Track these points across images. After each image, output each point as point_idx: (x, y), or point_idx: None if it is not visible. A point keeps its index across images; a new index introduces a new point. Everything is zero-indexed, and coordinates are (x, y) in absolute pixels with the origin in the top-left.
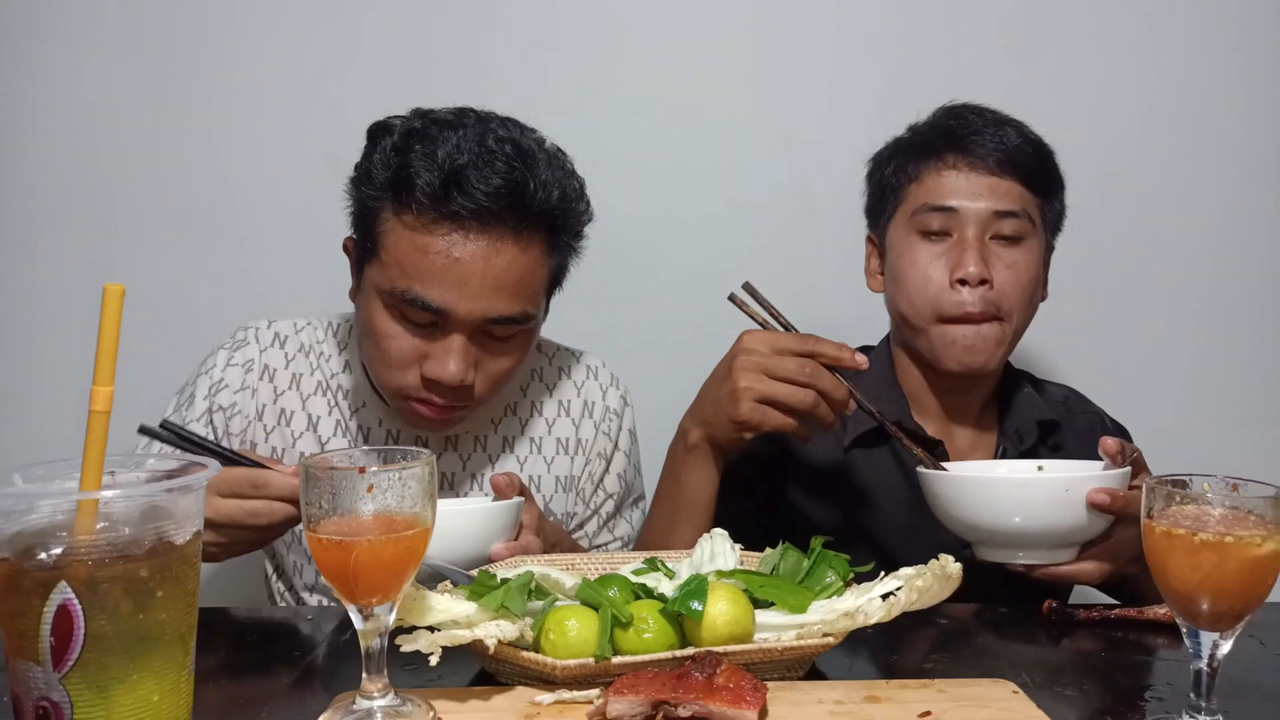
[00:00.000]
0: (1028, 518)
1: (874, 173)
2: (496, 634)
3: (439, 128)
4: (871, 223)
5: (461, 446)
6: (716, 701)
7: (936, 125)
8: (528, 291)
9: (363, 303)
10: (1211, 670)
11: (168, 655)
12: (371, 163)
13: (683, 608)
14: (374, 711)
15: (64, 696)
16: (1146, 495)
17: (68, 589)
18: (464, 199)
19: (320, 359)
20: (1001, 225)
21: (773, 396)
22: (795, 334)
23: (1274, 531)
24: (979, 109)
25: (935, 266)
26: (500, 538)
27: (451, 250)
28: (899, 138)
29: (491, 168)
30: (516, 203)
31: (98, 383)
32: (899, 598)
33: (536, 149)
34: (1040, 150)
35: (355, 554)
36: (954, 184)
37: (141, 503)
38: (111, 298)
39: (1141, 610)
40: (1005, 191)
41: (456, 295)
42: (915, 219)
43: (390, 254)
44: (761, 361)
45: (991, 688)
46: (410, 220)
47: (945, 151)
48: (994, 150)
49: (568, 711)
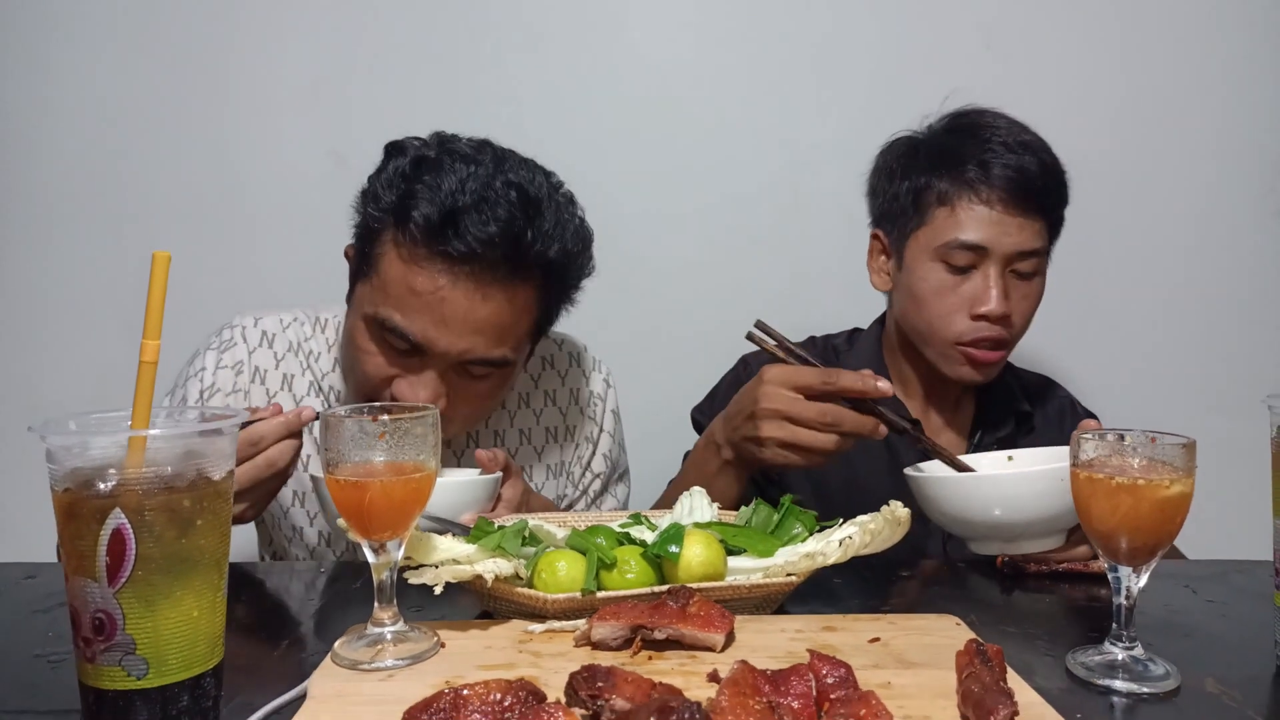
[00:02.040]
0: (1009, 511)
1: (892, 175)
2: (494, 570)
3: (451, 159)
4: (884, 225)
5: (454, 442)
6: (688, 626)
7: (964, 149)
8: (510, 337)
9: (351, 313)
10: (1130, 603)
11: (205, 577)
12: (380, 182)
13: (661, 550)
14: (385, 635)
15: (117, 609)
16: (1073, 445)
17: (121, 515)
18: (458, 240)
19: (310, 358)
20: (1022, 264)
21: (795, 442)
22: (816, 370)
23: (1182, 476)
24: (1002, 128)
25: (956, 296)
26: (472, 510)
27: (439, 288)
28: (916, 139)
29: (492, 213)
30: (511, 252)
31: (147, 336)
32: (854, 540)
33: (545, 199)
34: (1059, 180)
35: (369, 494)
36: (983, 220)
37: (182, 441)
38: (159, 263)
39: (1086, 564)
40: (1030, 230)
41: (436, 332)
42: (942, 250)
43: (381, 278)
44: (784, 408)
45: (937, 620)
46: (405, 251)
47: (978, 184)
48: (1023, 186)
49: (557, 638)
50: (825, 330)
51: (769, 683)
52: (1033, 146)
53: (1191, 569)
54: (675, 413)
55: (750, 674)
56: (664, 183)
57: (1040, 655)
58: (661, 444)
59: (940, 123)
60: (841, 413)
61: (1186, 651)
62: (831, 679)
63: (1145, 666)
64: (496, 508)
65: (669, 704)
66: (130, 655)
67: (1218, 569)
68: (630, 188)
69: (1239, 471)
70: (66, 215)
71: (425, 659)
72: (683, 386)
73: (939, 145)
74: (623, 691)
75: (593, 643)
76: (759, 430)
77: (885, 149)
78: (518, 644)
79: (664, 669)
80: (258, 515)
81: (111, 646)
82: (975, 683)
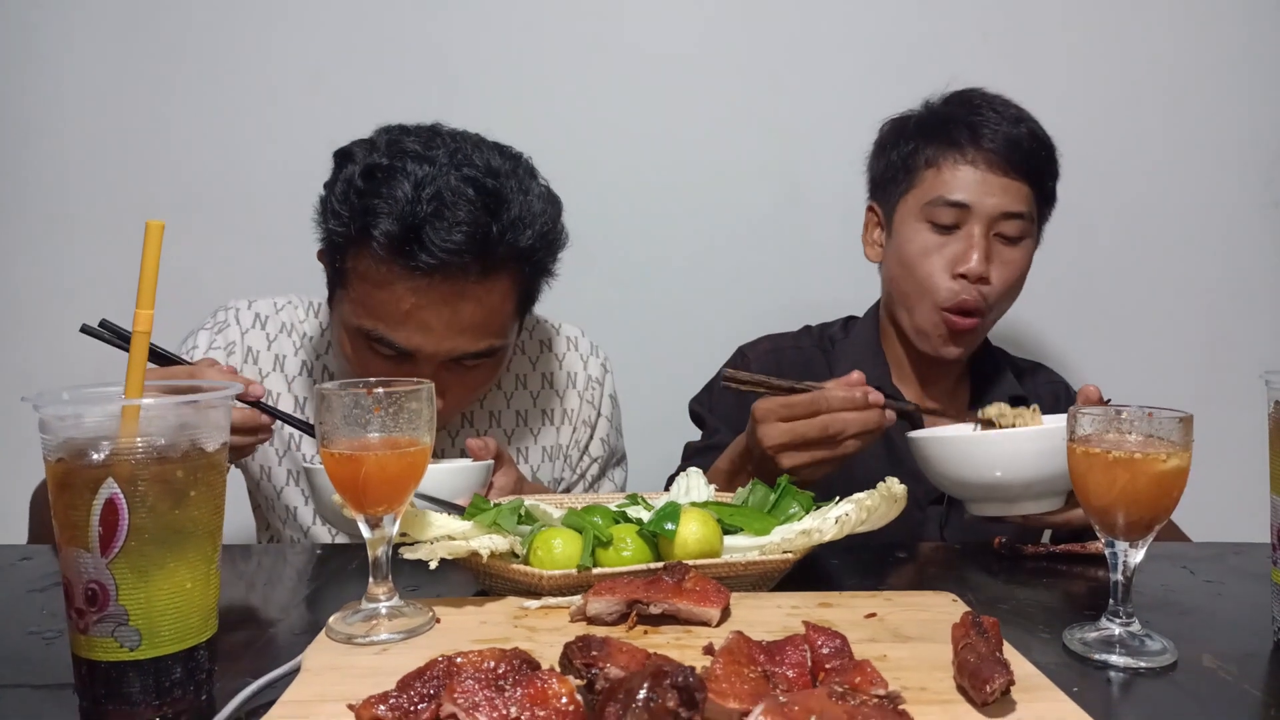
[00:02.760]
0: (1008, 471)
1: (886, 146)
2: (490, 546)
3: (403, 162)
4: (878, 195)
5: (449, 424)
6: (684, 601)
7: (955, 114)
8: (494, 327)
9: (335, 322)
10: (1127, 579)
11: (199, 549)
12: (334, 196)
13: (657, 528)
14: (380, 610)
15: (110, 580)
16: (1070, 420)
17: (114, 484)
18: (424, 254)
19: (303, 339)
20: (1006, 225)
21: (813, 461)
22: (804, 401)
23: (1179, 450)
24: (995, 101)
25: (939, 256)
26: (463, 498)
27: (414, 297)
28: (913, 114)
29: (454, 217)
30: (479, 254)
31: (140, 306)
32: (850, 517)
33: (506, 186)
34: (1048, 151)
35: (365, 468)
36: (969, 179)
37: (176, 411)
38: (153, 232)
39: (1084, 545)
40: (1015, 192)
41: (421, 339)
42: (928, 209)
43: (354, 291)
44: (788, 440)
45: (934, 597)
46: (373, 269)
47: (965, 145)
48: (1009, 149)
49: (553, 614)
50: (822, 319)
51: (764, 652)
52: (1023, 118)
53: (1189, 550)
54: (674, 401)
55: (745, 644)
56: (661, 172)
57: (1037, 633)
58: (660, 432)
59: (937, 100)
60: (844, 419)
61: (1184, 628)
62: (827, 649)
63: (1142, 642)
64: (489, 496)
65: (662, 669)
66: (123, 626)
67: (1215, 550)
68: (628, 177)
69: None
70: (64, 204)
71: (420, 633)
72: (682, 374)
73: (932, 114)
74: (617, 660)
75: (588, 618)
76: (782, 465)
77: (883, 126)
78: (513, 619)
79: (659, 643)
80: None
81: (104, 617)
82: (971, 653)
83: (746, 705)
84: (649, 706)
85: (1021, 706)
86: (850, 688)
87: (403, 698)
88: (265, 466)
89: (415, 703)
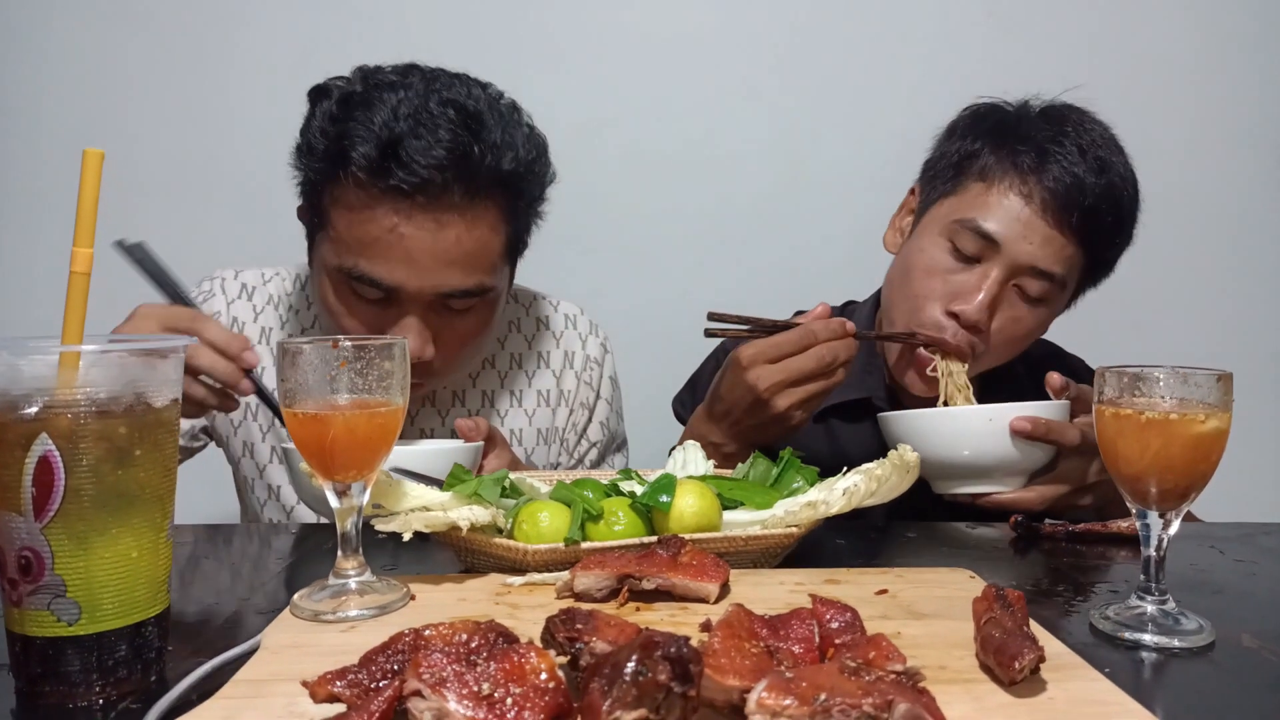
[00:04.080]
0: (965, 447)
1: (955, 132)
2: (470, 517)
3: (380, 90)
4: (924, 182)
5: (439, 402)
6: (679, 575)
7: (1034, 130)
8: (482, 263)
9: (316, 274)
10: (1160, 554)
11: (146, 515)
12: (311, 132)
13: (651, 501)
14: (349, 585)
15: (45, 546)
16: (1097, 381)
17: (48, 441)
18: (404, 172)
19: (290, 312)
20: (1030, 282)
21: (810, 397)
22: (790, 337)
23: (1218, 411)
24: (1089, 133)
25: (943, 281)
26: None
27: (397, 226)
28: (999, 109)
29: (433, 136)
30: (462, 173)
31: (78, 244)
32: (858, 487)
33: (486, 110)
34: (1120, 216)
35: (332, 429)
36: (1012, 212)
37: (119, 362)
38: (91, 161)
39: (1105, 524)
40: (1057, 249)
41: (405, 272)
42: (955, 226)
43: (336, 230)
44: (782, 377)
45: (949, 574)
46: (352, 195)
47: (1026, 172)
48: (1071, 196)
49: (537, 591)
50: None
51: (767, 627)
52: (1108, 167)
53: (1215, 531)
54: (675, 385)
55: (746, 617)
56: (662, 154)
57: (1060, 612)
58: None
59: (1035, 104)
60: (834, 348)
61: (1218, 607)
62: (836, 623)
63: (1177, 621)
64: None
65: (653, 639)
66: (60, 598)
67: (1243, 530)
68: (629, 159)
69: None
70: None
71: (392, 610)
72: (684, 358)
73: (1014, 118)
74: (604, 634)
75: (575, 594)
76: (776, 408)
77: (966, 109)
78: (494, 596)
79: (652, 620)
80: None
81: (39, 588)
82: (996, 628)
83: (747, 682)
84: (638, 681)
85: (1053, 686)
86: (864, 662)
87: (362, 674)
88: (248, 443)
89: (376, 679)
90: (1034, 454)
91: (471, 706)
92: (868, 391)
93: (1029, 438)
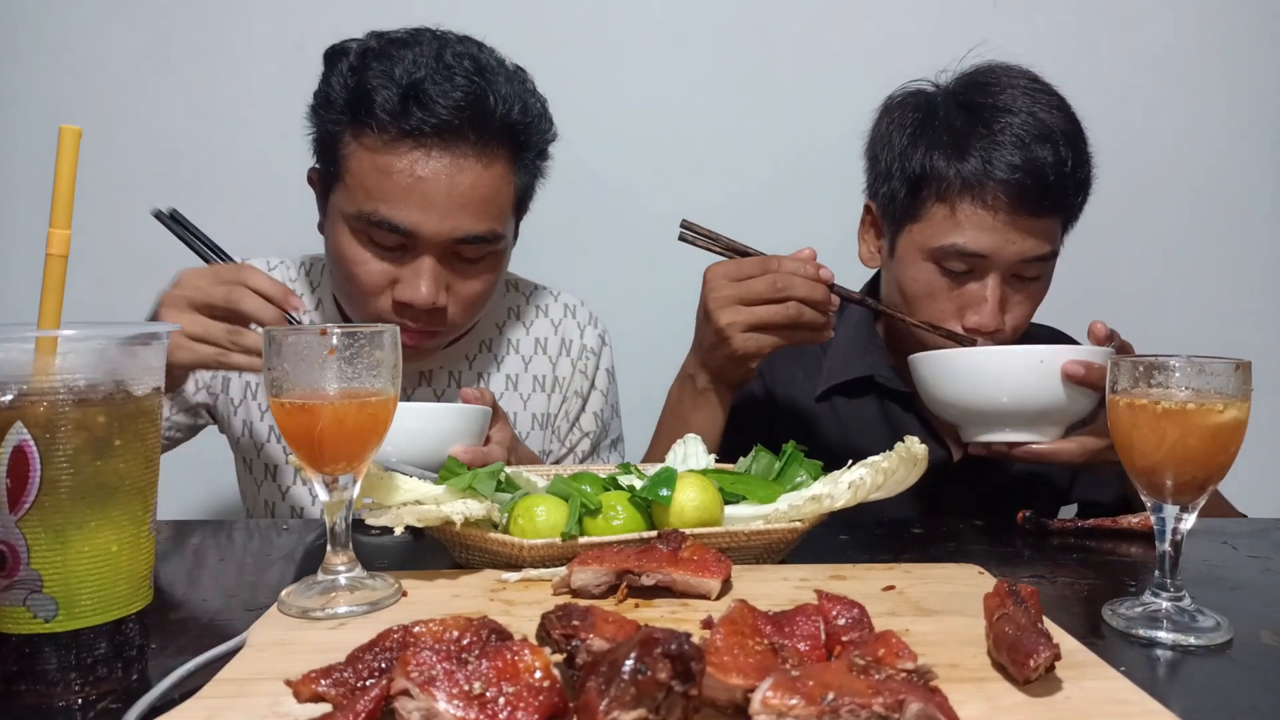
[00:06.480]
0: (1006, 391)
1: (887, 143)
2: (464, 511)
3: (395, 46)
4: (878, 200)
5: (436, 382)
6: (680, 571)
7: (970, 135)
8: (494, 209)
9: (330, 232)
10: (1175, 550)
11: (126, 507)
12: (330, 86)
13: (651, 495)
14: (339, 582)
15: (20, 540)
16: (1111, 371)
17: (24, 430)
18: (424, 114)
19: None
20: (1026, 268)
21: (756, 321)
22: (755, 260)
23: (1237, 400)
24: (1020, 106)
25: (948, 301)
26: (462, 442)
27: (415, 168)
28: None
29: (451, 82)
30: (477, 116)
31: (54, 225)
32: (865, 481)
33: (496, 65)
34: (1077, 173)
35: (320, 420)
36: (988, 227)
37: (99, 349)
38: (68, 138)
39: (1115, 519)
40: (1040, 232)
41: (423, 215)
42: (938, 253)
43: (354, 177)
44: (733, 293)
45: (958, 569)
46: (371, 141)
47: (984, 181)
48: (1031, 188)
49: (533, 587)
50: None
51: (771, 623)
52: (1050, 133)
53: (1228, 526)
54: None
55: (750, 613)
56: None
57: (1071, 609)
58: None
59: (953, 84)
60: (789, 279)
61: (1234, 604)
62: (843, 620)
63: (1193, 618)
64: (488, 446)
65: (653, 635)
66: (36, 594)
67: (1258, 526)
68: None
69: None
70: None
71: (383, 607)
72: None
73: (945, 123)
74: (602, 631)
75: (573, 590)
76: (719, 322)
77: (888, 107)
78: (489, 593)
79: (652, 616)
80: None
81: (14, 584)
82: (1009, 625)
83: (751, 680)
84: (637, 679)
85: (1069, 684)
86: (873, 660)
87: (348, 672)
88: (247, 421)
89: (363, 678)
90: (1080, 401)
91: (462, 706)
92: (870, 369)
93: (1080, 383)
